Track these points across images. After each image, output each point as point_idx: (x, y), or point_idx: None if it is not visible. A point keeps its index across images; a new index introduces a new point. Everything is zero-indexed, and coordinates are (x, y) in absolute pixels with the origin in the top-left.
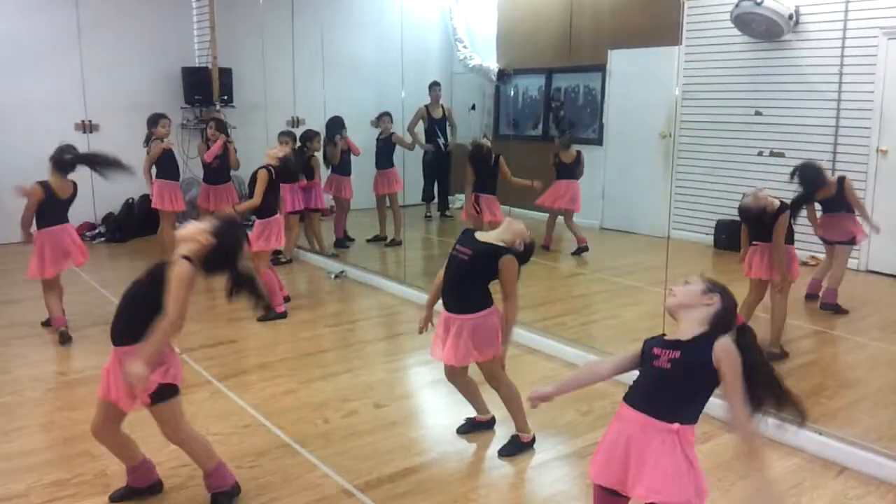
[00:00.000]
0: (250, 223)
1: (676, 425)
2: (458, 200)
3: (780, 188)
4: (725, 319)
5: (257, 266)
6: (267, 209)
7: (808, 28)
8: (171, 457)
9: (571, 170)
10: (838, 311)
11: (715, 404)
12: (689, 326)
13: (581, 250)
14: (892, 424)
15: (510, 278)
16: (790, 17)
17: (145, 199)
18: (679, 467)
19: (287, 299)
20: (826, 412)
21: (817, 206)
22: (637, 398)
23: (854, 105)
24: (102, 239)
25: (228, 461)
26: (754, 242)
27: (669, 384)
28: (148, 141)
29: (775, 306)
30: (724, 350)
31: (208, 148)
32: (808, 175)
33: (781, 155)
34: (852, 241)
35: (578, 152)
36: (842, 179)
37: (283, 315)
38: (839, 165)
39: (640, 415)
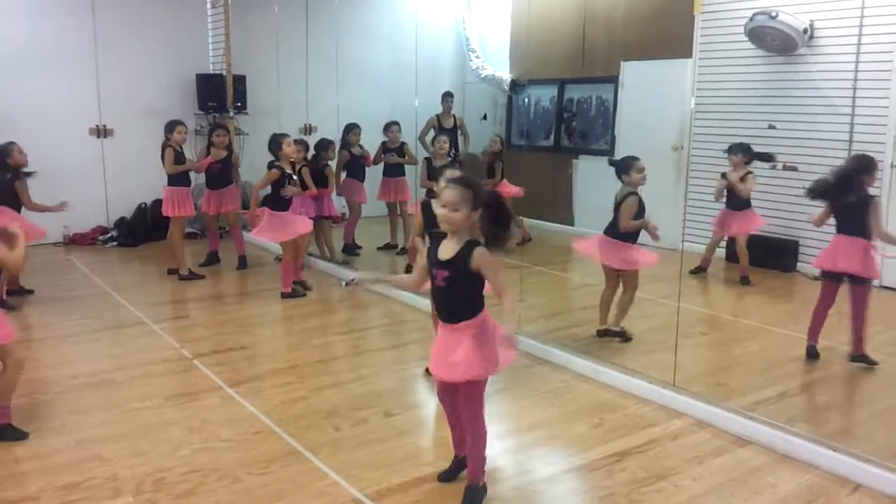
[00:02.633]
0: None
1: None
2: None
3: (792, 202)
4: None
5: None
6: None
7: (822, 42)
8: (182, 462)
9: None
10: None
11: (730, 419)
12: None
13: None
14: None
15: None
16: (805, 31)
17: (158, 203)
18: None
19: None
20: (841, 428)
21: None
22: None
23: (868, 120)
24: (115, 243)
25: (238, 468)
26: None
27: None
28: (164, 146)
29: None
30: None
31: (208, 154)
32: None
33: (794, 169)
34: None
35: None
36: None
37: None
38: None
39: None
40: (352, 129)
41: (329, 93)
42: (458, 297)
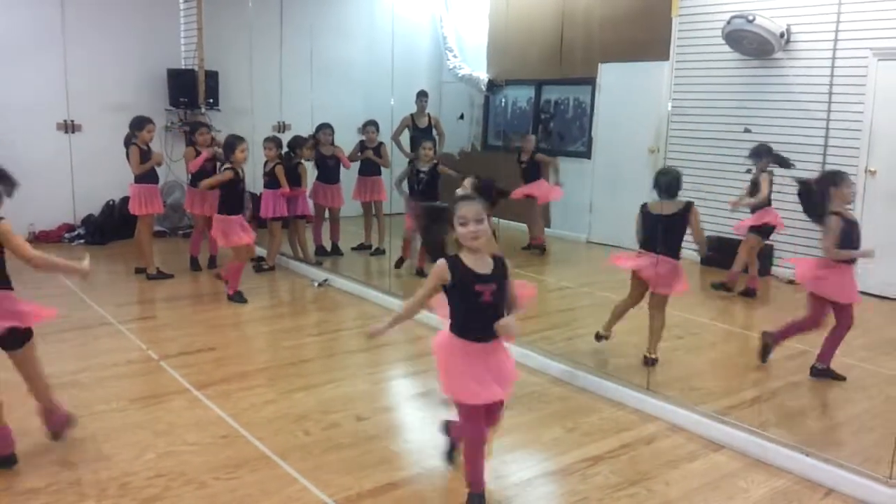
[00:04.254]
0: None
1: None
2: None
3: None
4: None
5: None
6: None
7: (798, 47)
8: (147, 466)
9: None
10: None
11: (703, 424)
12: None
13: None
14: (878, 446)
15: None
16: (781, 35)
17: (126, 201)
18: None
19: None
20: (813, 433)
21: None
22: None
23: (843, 125)
24: (81, 241)
25: (205, 473)
26: None
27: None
28: (128, 142)
29: None
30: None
31: (196, 153)
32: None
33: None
34: None
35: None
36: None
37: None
38: None
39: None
40: (322, 128)
41: (303, 90)
42: (499, 311)
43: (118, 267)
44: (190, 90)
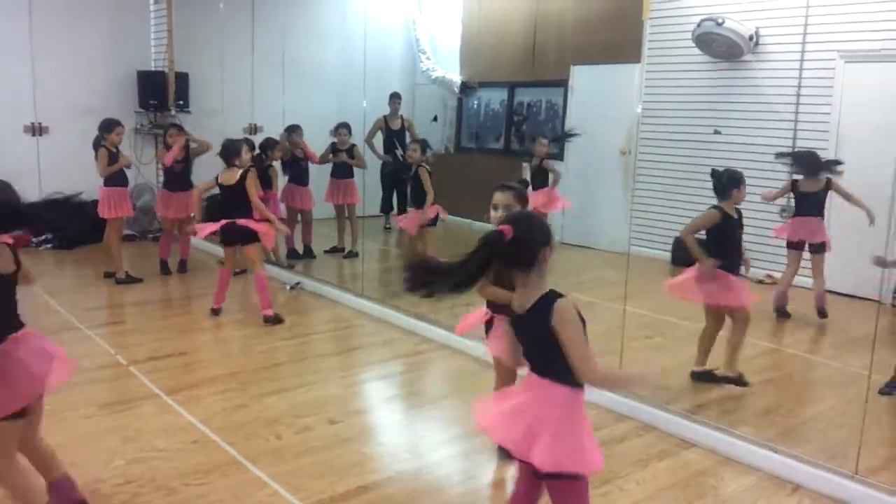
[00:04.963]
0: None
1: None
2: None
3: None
4: None
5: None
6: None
7: (767, 49)
8: (116, 473)
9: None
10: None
11: (674, 422)
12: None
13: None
14: (845, 443)
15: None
16: (750, 38)
17: (95, 204)
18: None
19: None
20: (781, 431)
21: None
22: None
23: (811, 126)
24: (49, 245)
25: (175, 478)
26: None
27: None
28: (97, 145)
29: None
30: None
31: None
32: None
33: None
34: (823, 247)
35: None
36: (829, 180)
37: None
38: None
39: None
40: (293, 130)
41: (275, 93)
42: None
43: (86, 271)
44: (160, 92)
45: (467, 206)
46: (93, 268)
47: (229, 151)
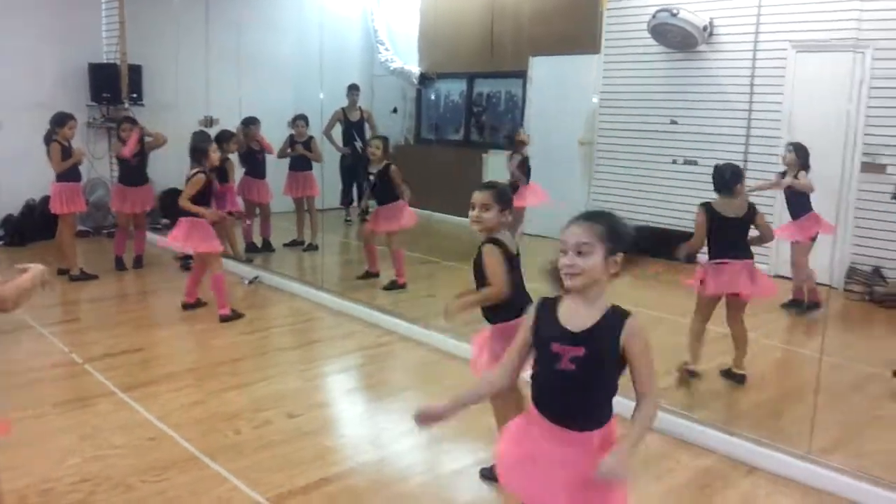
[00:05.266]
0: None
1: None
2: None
3: (693, 195)
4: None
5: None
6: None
7: (721, 40)
8: (71, 471)
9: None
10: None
11: (629, 406)
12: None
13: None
14: (797, 423)
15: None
16: (704, 28)
17: (47, 200)
18: None
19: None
20: (736, 414)
21: None
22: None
23: (764, 115)
24: (1, 243)
25: (132, 475)
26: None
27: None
28: (49, 139)
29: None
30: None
31: (124, 144)
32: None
33: (695, 163)
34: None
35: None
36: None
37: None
38: (750, 174)
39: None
40: (251, 122)
41: (230, 85)
42: (588, 392)
43: None
44: (112, 85)
45: (427, 198)
46: (46, 265)
47: (195, 151)
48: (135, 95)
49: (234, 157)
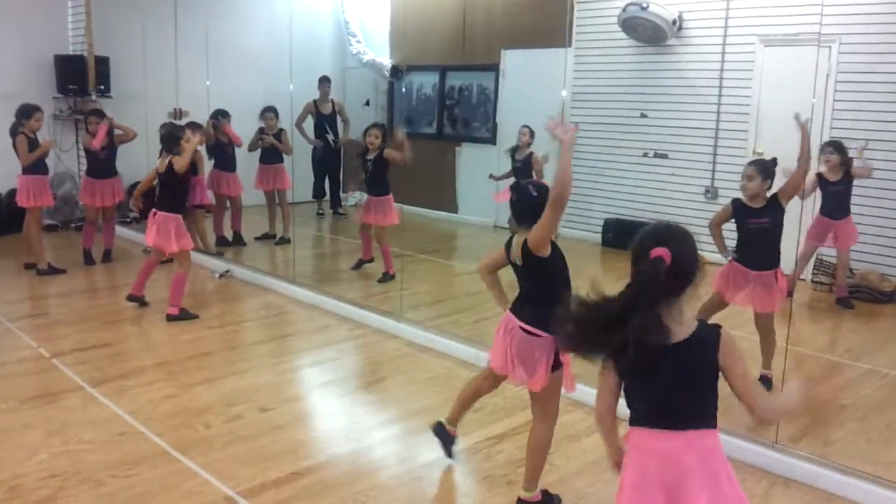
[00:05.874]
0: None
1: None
2: (351, 198)
3: (662, 188)
4: None
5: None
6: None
7: (690, 34)
8: (39, 467)
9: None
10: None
11: (590, 394)
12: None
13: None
14: None
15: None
16: (674, 22)
17: (13, 193)
18: None
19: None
20: None
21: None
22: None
23: (733, 109)
24: None
25: (101, 471)
26: None
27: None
28: (14, 131)
29: None
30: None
31: (93, 137)
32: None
33: (665, 156)
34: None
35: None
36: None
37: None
38: (719, 167)
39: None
40: (222, 115)
41: (199, 76)
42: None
43: (7, 263)
44: (79, 77)
45: (400, 191)
46: (13, 259)
47: (169, 139)
48: (102, 87)
49: (202, 150)
